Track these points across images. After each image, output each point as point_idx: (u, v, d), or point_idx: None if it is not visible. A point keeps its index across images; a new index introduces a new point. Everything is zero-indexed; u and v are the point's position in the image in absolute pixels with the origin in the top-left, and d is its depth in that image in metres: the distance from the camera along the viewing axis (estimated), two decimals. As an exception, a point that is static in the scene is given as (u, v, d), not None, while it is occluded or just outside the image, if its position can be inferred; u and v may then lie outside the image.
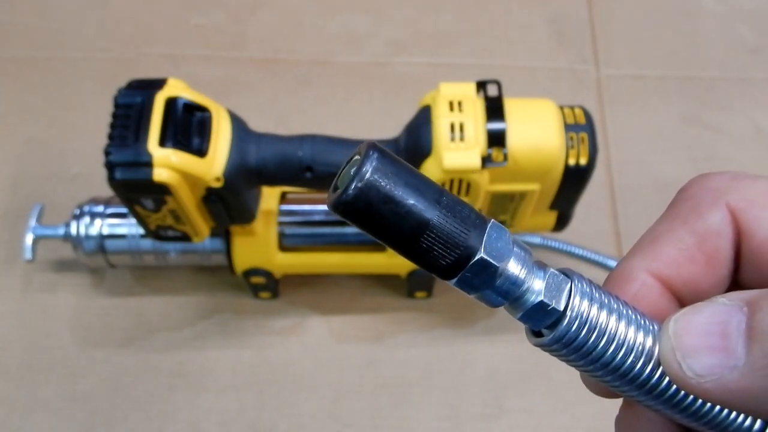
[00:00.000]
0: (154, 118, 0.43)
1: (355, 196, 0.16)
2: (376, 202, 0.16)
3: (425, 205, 0.17)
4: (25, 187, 0.66)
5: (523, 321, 0.19)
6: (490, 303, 0.19)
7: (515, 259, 0.18)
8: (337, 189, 0.17)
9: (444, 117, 0.45)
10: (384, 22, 0.78)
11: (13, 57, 0.74)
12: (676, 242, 0.20)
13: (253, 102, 0.71)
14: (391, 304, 0.61)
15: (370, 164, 0.16)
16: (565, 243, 0.59)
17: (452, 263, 0.17)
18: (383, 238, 0.17)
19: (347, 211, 0.17)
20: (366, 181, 0.16)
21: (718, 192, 0.20)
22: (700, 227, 0.20)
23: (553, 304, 0.18)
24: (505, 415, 0.57)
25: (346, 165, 0.17)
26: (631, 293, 0.20)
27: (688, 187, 0.21)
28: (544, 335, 0.19)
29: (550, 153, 0.46)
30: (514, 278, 0.18)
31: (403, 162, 0.17)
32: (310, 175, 0.47)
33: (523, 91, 0.48)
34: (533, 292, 0.18)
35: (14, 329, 0.59)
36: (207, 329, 0.60)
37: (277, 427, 0.56)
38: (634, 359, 0.18)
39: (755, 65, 0.77)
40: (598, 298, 0.19)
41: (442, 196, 0.17)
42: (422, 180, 0.17)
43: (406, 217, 0.17)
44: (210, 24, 0.77)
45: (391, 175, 0.17)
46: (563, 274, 0.19)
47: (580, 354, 0.19)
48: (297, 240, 0.56)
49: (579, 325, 0.18)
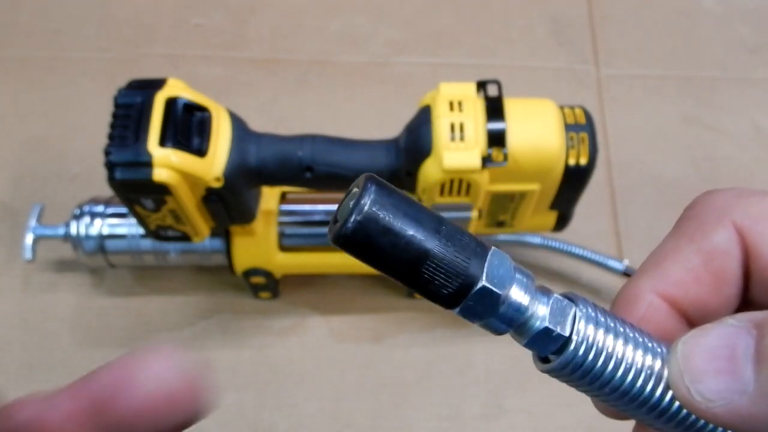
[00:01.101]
0: (154, 118, 0.43)
1: (354, 229, 0.16)
2: (376, 234, 0.17)
3: (425, 235, 0.17)
4: (25, 187, 0.66)
5: (529, 347, 0.19)
6: (495, 330, 0.19)
7: (518, 286, 0.18)
8: (337, 221, 0.17)
9: (444, 117, 0.45)
10: (384, 22, 0.78)
11: (13, 57, 0.74)
12: (683, 262, 0.20)
13: (253, 102, 0.71)
14: (391, 304, 0.61)
15: (368, 197, 0.16)
16: (565, 243, 0.59)
17: (454, 292, 0.17)
18: (384, 269, 0.17)
19: (347, 243, 0.17)
20: (365, 214, 0.16)
21: (724, 210, 0.20)
22: (706, 246, 0.20)
23: (558, 330, 0.18)
24: (505, 415, 0.57)
25: (345, 198, 0.17)
26: (639, 315, 0.20)
27: (693, 205, 0.21)
28: (551, 361, 0.19)
29: (550, 153, 0.46)
30: (518, 305, 0.18)
31: (401, 192, 0.17)
32: (310, 175, 0.47)
33: (523, 91, 0.48)
34: (537, 318, 0.18)
35: (14, 329, 0.59)
36: (207, 329, 0.60)
37: (277, 427, 0.56)
38: (642, 382, 0.18)
39: (755, 65, 0.77)
40: (604, 322, 0.19)
41: (441, 225, 0.17)
42: (421, 210, 0.17)
43: (406, 248, 0.17)
44: (210, 24, 0.77)
45: (390, 206, 0.17)
46: (567, 299, 0.19)
47: (589, 379, 0.18)
48: (297, 240, 0.56)
49: (585, 350, 0.18)
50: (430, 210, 0.18)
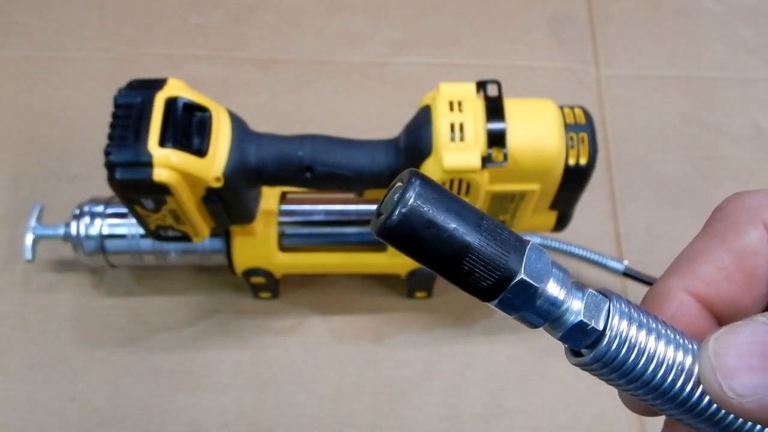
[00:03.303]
0: (154, 118, 0.43)
1: (399, 222, 0.17)
2: (420, 227, 0.17)
3: (466, 229, 0.17)
4: (25, 187, 0.66)
5: (563, 341, 0.19)
6: (531, 324, 0.19)
7: (554, 280, 0.19)
8: (380, 215, 0.18)
9: (444, 117, 0.45)
10: (384, 22, 0.78)
11: (13, 57, 0.74)
12: (714, 261, 0.20)
13: (253, 102, 0.71)
14: (391, 304, 0.61)
15: (413, 191, 0.17)
16: (565, 243, 0.59)
17: (493, 285, 0.18)
18: (426, 261, 0.18)
19: (392, 236, 0.17)
20: (410, 207, 0.17)
21: (754, 211, 0.20)
22: (737, 246, 0.20)
23: (593, 324, 0.19)
24: (505, 415, 0.57)
25: (388, 192, 0.18)
26: (670, 312, 0.20)
27: (723, 207, 0.21)
28: (584, 355, 0.19)
29: (550, 153, 0.46)
30: (554, 299, 0.19)
31: (443, 188, 0.18)
32: (310, 175, 0.47)
33: (523, 91, 0.48)
34: (572, 313, 0.19)
35: (14, 329, 0.59)
36: (207, 329, 0.60)
37: (277, 427, 0.56)
38: (674, 378, 0.19)
39: (755, 65, 0.77)
40: (637, 318, 0.19)
41: (482, 220, 0.18)
42: (463, 205, 0.18)
43: (448, 240, 0.17)
44: (210, 24, 0.77)
45: (433, 200, 0.17)
46: (601, 294, 0.19)
47: (620, 373, 0.19)
48: (297, 240, 0.56)
49: (618, 345, 0.19)
50: (471, 205, 0.18)
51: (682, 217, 0.66)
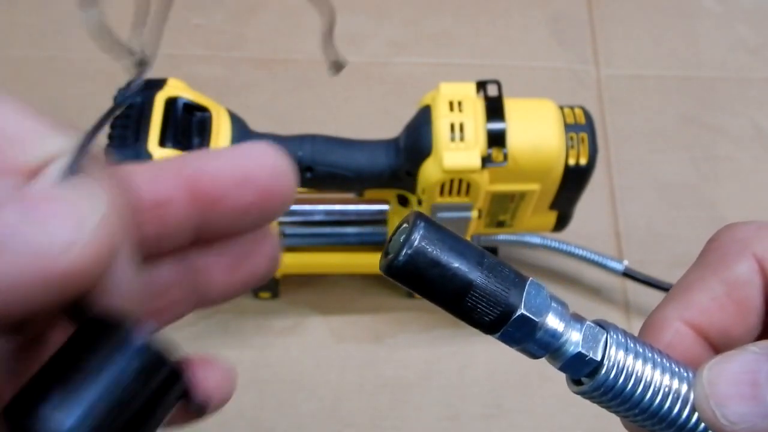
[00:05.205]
0: (154, 118, 0.43)
1: (405, 262, 0.18)
2: (425, 266, 0.18)
3: (469, 267, 0.19)
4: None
5: (564, 371, 0.20)
6: (532, 355, 0.20)
7: (553, 314, 0.20)
8: (388, 254, 0.19)
9: (444, 117, 0.45)
10: (384, 22, 0.78)
11: (13, 57, 0.74)
12: (707, 291, 0.21)
13: (253, 102, 0.71)
14: (391, 304, 0.61)
15: (417, 232, 0.18)
16: (565, 243, 0.59)
17: (495, 319, 0.19)
18: (432, 297, 0.19)
19: (399, 275, 0.18)
20: (415, 248, 0.18)
21: (745, 243, 0.21)
22: (729, 277, 0.21)
23: (591, 355, 0.20)
24: (505, 415, 0.57)
25: (395, 233, 0.19)
26: (665, 341, 0.21)
27: (716, 237, 0.22)
28: (584, 383, 0.20)
29: (550, 153, 0.46)
30: (553, 331, 0.20)
31: (446, 229, 0.19)
32: (310, 175, 0.47)
33: (523, 91, 0.48)
34: (571, 344, 0.20)
35: (14, 329, 0.59)
36: (207, 329, 0.60)
37: (277, 427, 0.56)
38: (670, 405, 0.20)
39: (755, 65, 0.77)
40: (633, 348, 0.20)
41: (483, 258, 0.19)
42: (465, 244, 0.19)
43: (452, 278, 0.18)
44: (210, 24, 0.77)
45: (437, 241, 0.18)
46: (599, 326, 0.20)
47: (619, 401, 0.20)
48: (297, 240, 0.56)
49: (616, 374, 0.20)
50: (473, 244, 0.19)
51: (682, 217, 0.66)
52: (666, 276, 0.58)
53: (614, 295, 0.62)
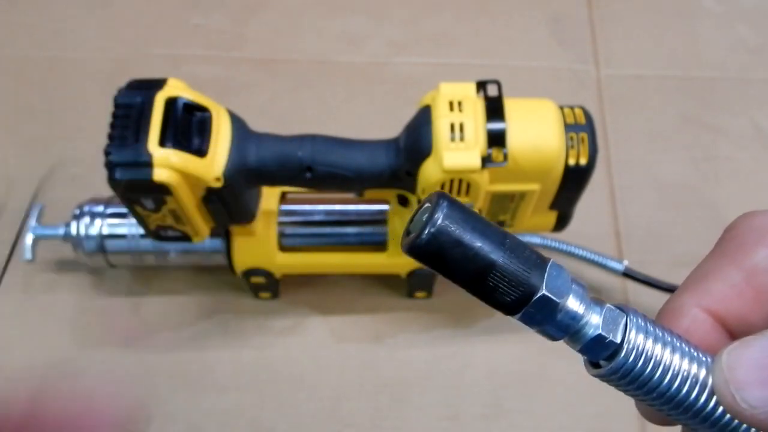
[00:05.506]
0: (154, 118, 0.43)
1: (428, 241, 0.18)
2: (448, 245, 0.18)
3: (491, 248, 0.18)
4: (25, 187, 0.66)
5: (583, 353, 0.20)
6: (552, 336, 0.20)
7: (574, 296, 0.20)
8: (410, 233, 0.19)
9: (444, 117, 0.45)
10: (384, 22, 0.78)
11: (13, 57, 0.74)
12: (725, 279, 0.21)
13: (253, 102, 0.71)
14: (391, 304, 0.61)
15: (441, 211, 0.18)
16: (565, 243, 0.59)
17: (516, 300, 0.19)
18: (453, 277, 0.19)
19: (421, 254, 0.18)
20: (438, 227, 0.18)
21: (762, 231, 0.21)
22: (747, 264, 0.21)
23: (611, 337, 0.20)
24: (505, 415, 0.57)
25: (417, 212, 0.19)
26: (684, 327, 0.21)
27: (733, 226, 0.23)
28: (602, 366, 0.20)
29: (550, 153, 0.46)
30: (573, 313, 0.20)
31: (469, 209, 0.19)
32: (310, 175, 0.47)
33: (523, 91, 0.48)
34: (591, 326, 0.20)
35: (14, 329, 0.59)
36: (207, 329, 0.60)
37: (277, 427, 0.56)
38: (689, 389, 0.20)
39: (755, 65, 0.77)
40: (653, 332, 0.20)
41: (506, 239, 0.19)
42: (488, 225, 0.19)
43: (474, 258, 0.18)
44: (210, 24, 0.77)
45: (460, 221, 0.18)
46: (619, 309, 0.20)
47: (637, 384, 0.20)
48: (297, 240, 0.56)
49: (635, 357, 0.19)
50: (495, 225, 0.19)
51: (682, 217, 0.66)
52: (666, 276, 0.58)
53: (614, 295, 0.62)
